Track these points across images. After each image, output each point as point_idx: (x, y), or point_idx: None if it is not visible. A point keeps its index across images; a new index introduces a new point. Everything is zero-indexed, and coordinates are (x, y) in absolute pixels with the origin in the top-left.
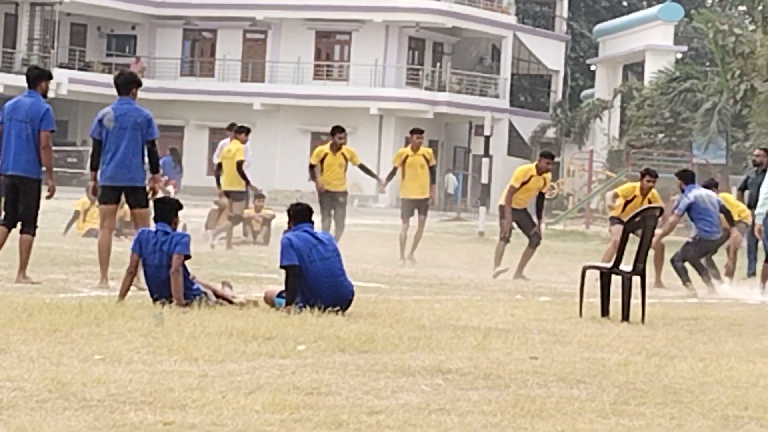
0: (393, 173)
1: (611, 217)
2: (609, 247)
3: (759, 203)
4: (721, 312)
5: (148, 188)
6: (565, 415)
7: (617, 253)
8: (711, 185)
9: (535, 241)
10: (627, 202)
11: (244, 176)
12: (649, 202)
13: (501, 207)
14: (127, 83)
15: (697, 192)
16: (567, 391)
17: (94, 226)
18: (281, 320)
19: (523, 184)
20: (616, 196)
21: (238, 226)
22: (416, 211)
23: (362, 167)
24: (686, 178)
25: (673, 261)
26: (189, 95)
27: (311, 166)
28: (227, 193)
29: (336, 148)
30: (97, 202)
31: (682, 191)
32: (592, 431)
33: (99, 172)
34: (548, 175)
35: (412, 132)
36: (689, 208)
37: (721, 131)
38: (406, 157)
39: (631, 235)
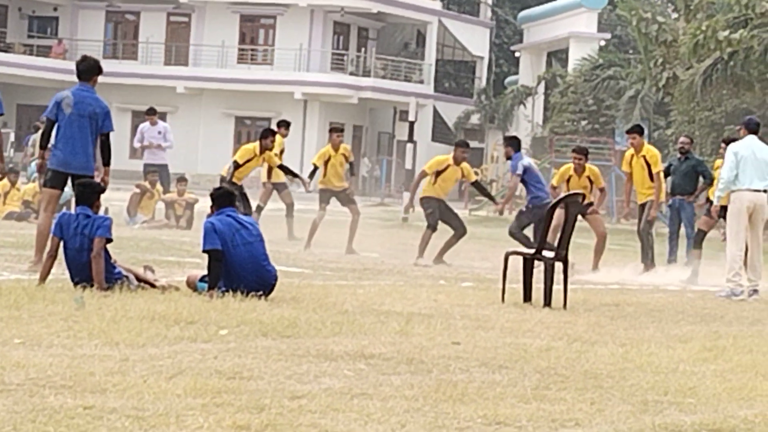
0: (314, 171)
1: None
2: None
3: (719, 187)
4: (641, 298)
5: (99, 179)
6: (487, 399)
7: (540, 238)
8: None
9: (460, 232)
10: (566, 182)
11: (283, 168)
12: (588, 179)
13: (422, 199)
14: (89, 70)
15: (528, 158)
16: (489, 376)
17: (15, 209)
18: (203, 304)
19: (439, 173)
20: (553, 188)
21: (162, 208)
22: (334, 200)
23: (282, 167)
24: (515, 145)
25: (511, 233)
26: (111, 78)
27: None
28: (274, 186)
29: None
30: (37, 185)
31: (509, 158)
32: (513, 416)
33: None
34: (466, 165)
35: (332, 130)
36: (525, 172)
37: (643, 119)
38: (329, 158)
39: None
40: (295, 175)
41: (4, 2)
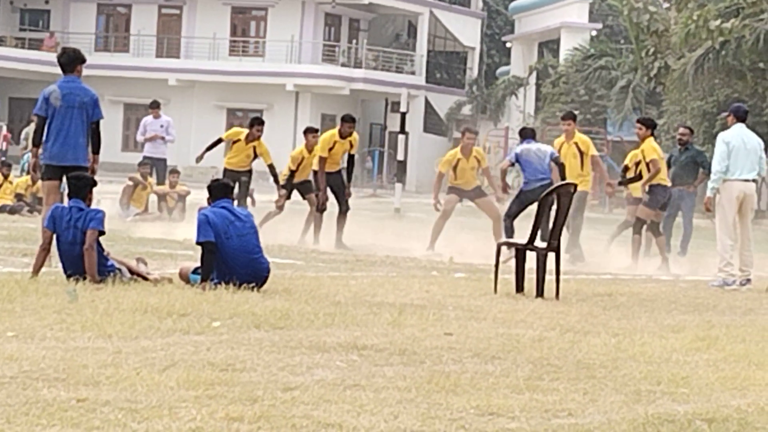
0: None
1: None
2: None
3: (712, 178)
4: (634, 288)
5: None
6: (480, 390)
7: (532, 229)
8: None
9: (345, 208)
10: (454, 168)
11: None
12: (476, 160)
13: (314, 172)
14: (71, 61)
15: (526, 146)
16: (481, 366)
17: (7, 202)
18: (196, 297)
19: (330, 150)
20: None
21: (155, 201)
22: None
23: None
24: (522, 135)
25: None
26: (103, 71)
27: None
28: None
29: (252, 138)
30: (29, 179)
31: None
32: (506, 406)
33: (41, 149)
34: (354, 137)
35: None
36: (518, 159)
37: (635, 108)
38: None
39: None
40: (275, 179)
41: None
